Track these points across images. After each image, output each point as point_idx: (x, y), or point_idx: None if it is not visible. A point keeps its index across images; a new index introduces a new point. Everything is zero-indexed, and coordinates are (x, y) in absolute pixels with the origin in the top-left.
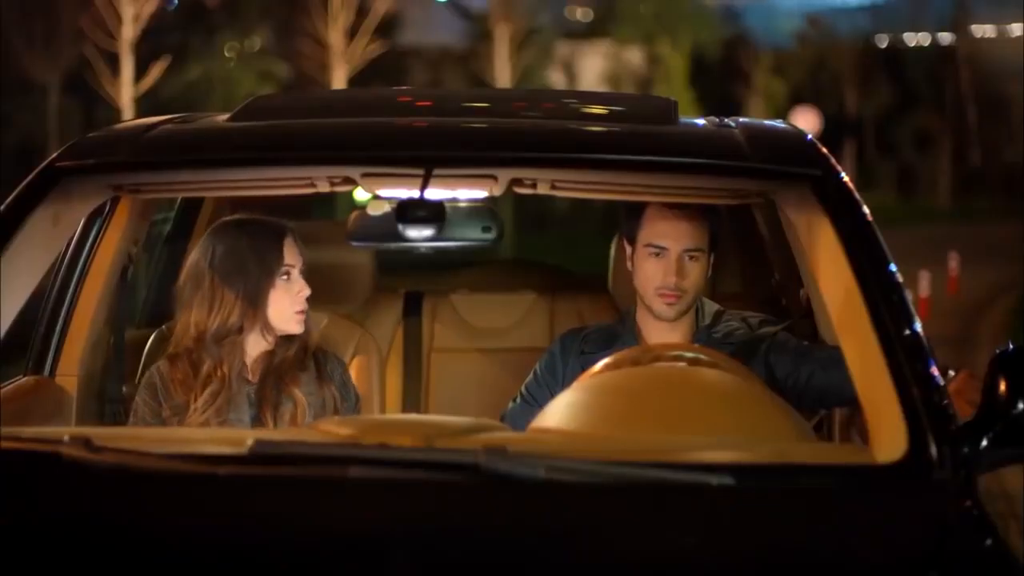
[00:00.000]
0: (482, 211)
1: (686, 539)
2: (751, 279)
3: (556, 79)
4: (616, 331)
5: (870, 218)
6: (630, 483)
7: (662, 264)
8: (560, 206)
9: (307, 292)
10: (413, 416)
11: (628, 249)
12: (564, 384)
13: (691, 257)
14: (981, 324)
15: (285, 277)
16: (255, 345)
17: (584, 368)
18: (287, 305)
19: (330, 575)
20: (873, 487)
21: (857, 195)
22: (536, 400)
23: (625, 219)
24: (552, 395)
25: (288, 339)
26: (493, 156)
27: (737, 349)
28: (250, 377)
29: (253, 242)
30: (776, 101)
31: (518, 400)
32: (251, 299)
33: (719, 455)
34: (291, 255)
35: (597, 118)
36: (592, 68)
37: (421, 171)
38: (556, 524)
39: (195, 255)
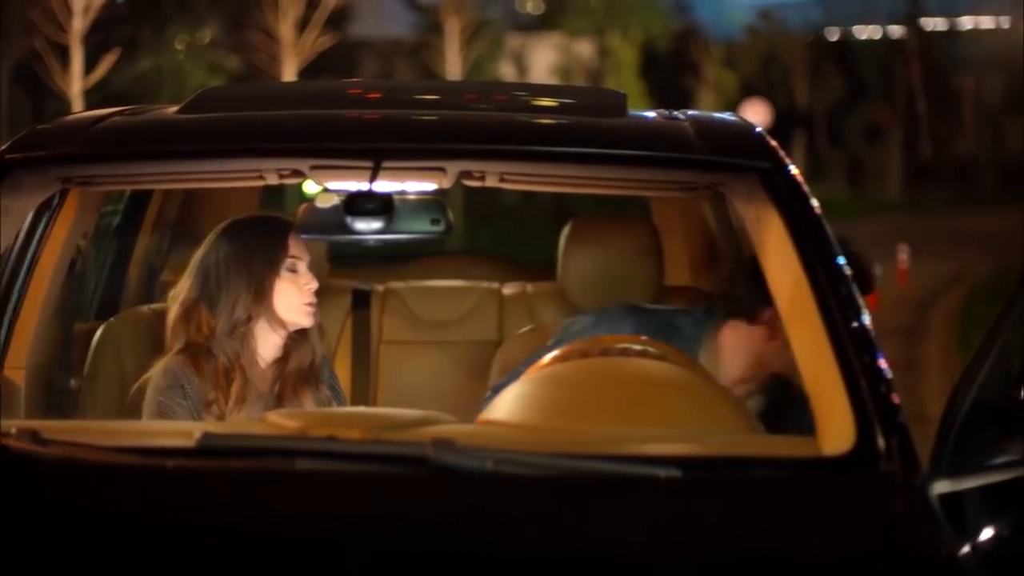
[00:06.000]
0: (431, 203)
1: (633, 531)
2: (699, 271)
3: (507, 71)
4: None
5: (818, 211)
6: (578, 475)
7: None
8: (510, 198)
9: (315, 285)
10: (361, 409)
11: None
12: None
13: None
14: (931, 316)
15: (291, 269)
16: (265, 340)
17: None
18: (294, 297)
19: (279, 568)
20: (821, 479)
21: (806, 188)
22: None
23: None
24: None
25: (299, 344)
26: (441, 148)
27: None
28: (264, 384)
29: (258, 234)
30: (727, 93)
31: None
32: (257, 290)
33: (667, 447)
34: (296, 247)
35: (546, 111)
36: (543, 60)
37: (370, 163)
38: (504, 516)
39: (200, 254)
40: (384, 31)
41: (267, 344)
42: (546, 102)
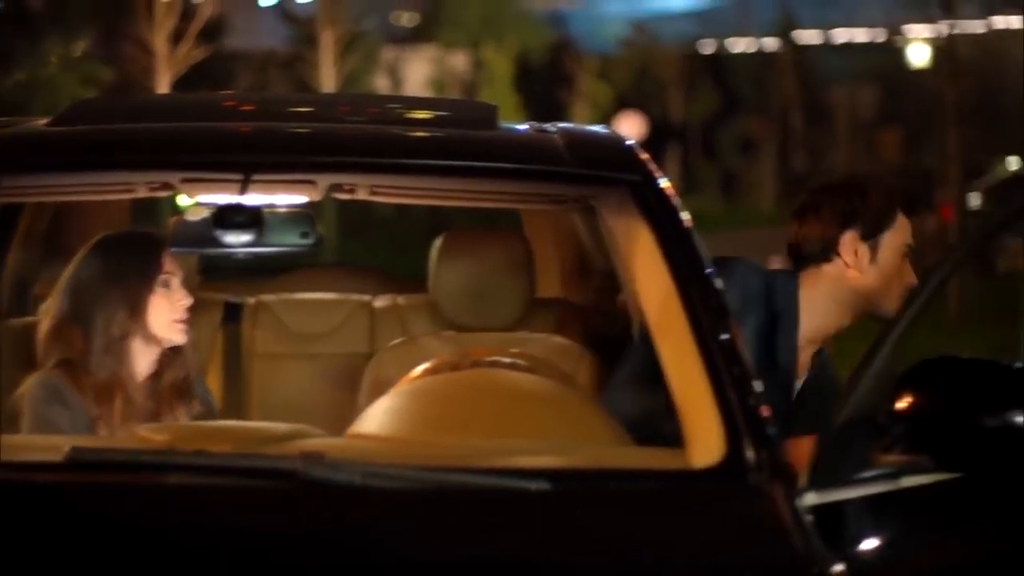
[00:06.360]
0: (300, 216)
1: (503, 544)
2: (571, 283)
3: (381, 84)
4: None
5: (689, 223)
6: (447, 489)
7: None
8: (384, 210)
9: (188, 302)
10: (231, 422)
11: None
12: None
13: None
14: None
15: (165, 285)
16: (139, 357)
17: None
18: (167, 313)
19: None
20: (689, 491)
21: (676, 200)
22: None
23: None
24: None
25: (172, 359)
26: (311, 161)
27: None
28: (140, 400)
29: (131, 251)
30: (601, 106)
31: None
32: (131, 306)
33: (536, 460)
34: (170, 263)
35: (417, 123)
36: (417, 73)
37: (239, 176)
38: (373, 530)
39: (71, 270)
40: (258, 43)
41: (142, 360)
42: (417, 114)
